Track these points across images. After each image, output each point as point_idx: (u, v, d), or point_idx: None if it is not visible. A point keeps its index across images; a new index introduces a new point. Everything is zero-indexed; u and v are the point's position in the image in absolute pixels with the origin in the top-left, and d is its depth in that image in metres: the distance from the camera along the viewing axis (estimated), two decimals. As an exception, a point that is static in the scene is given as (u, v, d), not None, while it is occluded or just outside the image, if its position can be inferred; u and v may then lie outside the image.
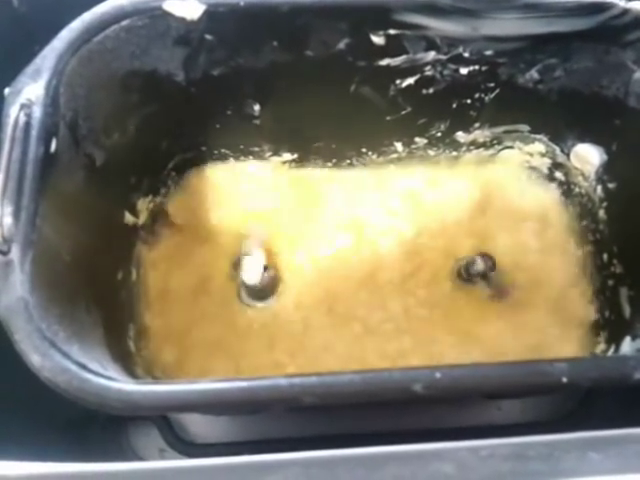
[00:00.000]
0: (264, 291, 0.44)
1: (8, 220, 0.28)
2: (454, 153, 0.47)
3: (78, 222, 0.34)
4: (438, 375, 0.26)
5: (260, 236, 0.44)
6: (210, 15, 0.35)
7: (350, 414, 0.45)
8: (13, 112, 0.31)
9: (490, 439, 0.25)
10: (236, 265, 0.43)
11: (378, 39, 0.37)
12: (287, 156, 0.46)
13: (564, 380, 0.26)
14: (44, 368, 0.27)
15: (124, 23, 0.34)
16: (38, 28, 0.36)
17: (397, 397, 0.27)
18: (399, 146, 0.46)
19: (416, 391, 0.26)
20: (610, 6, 0.36)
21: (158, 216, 0.45)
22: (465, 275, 0.44)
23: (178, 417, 0.46)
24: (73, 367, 0.27)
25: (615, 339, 0.41)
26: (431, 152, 0.47)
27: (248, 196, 0.46)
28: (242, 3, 0.34)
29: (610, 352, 0.41)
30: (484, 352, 0.41)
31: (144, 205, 0.44)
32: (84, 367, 0.27)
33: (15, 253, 0.28)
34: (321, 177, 0.47)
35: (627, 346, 0.39)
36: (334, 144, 0.46)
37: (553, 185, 0.47)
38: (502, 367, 0.27)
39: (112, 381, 0.27)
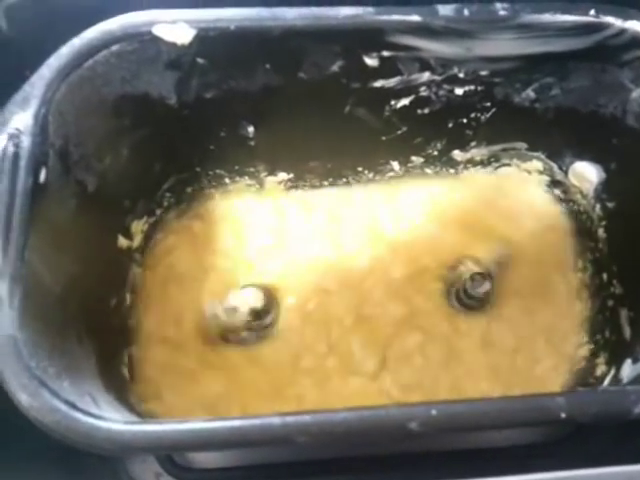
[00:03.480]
0: (264, 311, 0.43)
1: (-4, 255, 0.28)
2: (451, 171, 0.47)
3: (69, 252, 0.34)
4: (434, 412, 0.26)
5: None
6: (201, 39, 0.34)
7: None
8: (1, 142, 0.31)
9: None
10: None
11: (371, 61, 0.37)
12: (282, 176, 0.46)
13: (563, 415, 0.26)
14: (32, 408, 0.26)
15: (114, 48, 0.34)
16: (28, 52, 0.36)
17: (393, 435, 0.26)
18: (395, 165, 0.46)
19: (412, 429, 0.25)
20: (607, 26, 0.35)
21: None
22: (464, 296, 0.43)
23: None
24: (62, 406, 0.26)
25: (615, 361, 0.40)
26: (428, 170, 0.46)
27: (244, 218, 0.46)
28: (233, 27, 0.34)
29: (610, 374, 0.40)
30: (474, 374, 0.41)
31: (138, 227, 0.43)
32: (73, 406, 0.27)
33: (3, 289, 0.28)
34: (316, 194, 0.47)
35: (628, 369, 0.38)
36: (330, 164, 0.45)
37: (552, 203, 0.47)
38: (499, 403, 0.27)
39: (102, 420, 0.26)
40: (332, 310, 0.44)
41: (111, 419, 0.27)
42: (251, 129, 0.41)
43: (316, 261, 0.45)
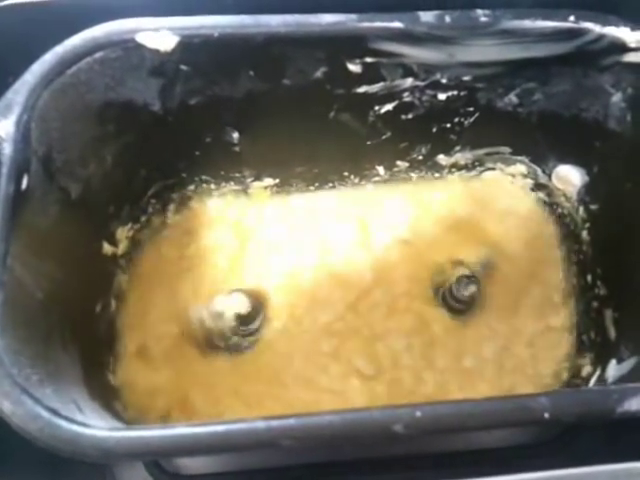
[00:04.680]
0: (250, 317, 0.43)
1: (-23, 262, 0.28)
2: (436, 175, 0.47)
3: (53, 258, 0.34)
4: (419, 414, 0.26)
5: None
6: (184, 46, 0.35)
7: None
8: (-17, 149, 0.30)
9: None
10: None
11: (355, 67, 0.37)
12: (269, 181, 0.46)
13: (546, 416, 0.26)
14: (15, 415, 0.26)
15: (97, 55, 0.34)
16: (11, 59, 0.36)
17: (378, 438, 0.26)
18: (381, 169, 0.46)
19: (397, 431, 0.25)
20: (586, 31, 0.36)
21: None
22: (450, 299, 0.44)
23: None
24: (45, 414, 0.26)
25: (601, 361, 0.41)
26: (413, 175, 0.47)
27: (230, 223, 0.46)
28: (216, 34, 0.34)
29: (596, 375, 0.40)
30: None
31: (123, 234, 0.43)
32: (56, 413, 0.26)
33: (-16, 296, 0.28)
34: (303, 199, 0.47)
35: (612, 369, 0.39)
36: (316, 169, 0.45)
37: (535, 206, 0.47)
38: (483, 404, 0.27)
39: (85, 427, 0.26)
40: (319, 314, 0.44)
41: (95, 426, 0.26)
42: (236, 135, 0.41)
43: (303, 266, 0.45)
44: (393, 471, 0.43)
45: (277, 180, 0.46)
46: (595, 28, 0.35)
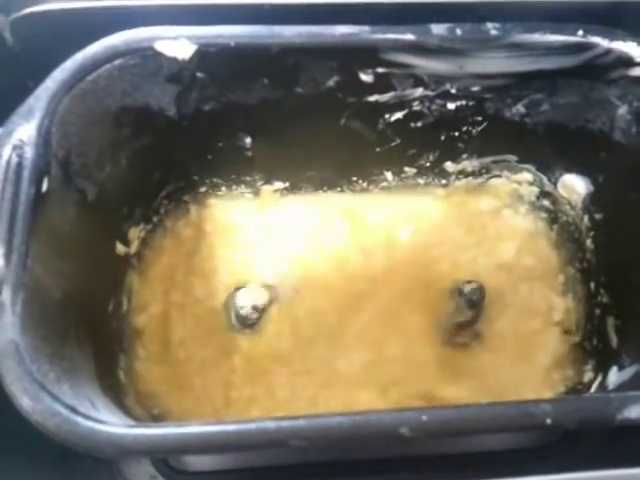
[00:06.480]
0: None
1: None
2: (443, 182, 0.48)
3: (70, 258, 0.35)
4: (425, 418, 0.27)
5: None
6: (201, 55, 0.35)
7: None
8: (5, 153, 0.31)
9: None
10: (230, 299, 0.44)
11: (367, 77, 0.38)
12: (278, 185, 0.47)
13: (548, 421, 0.27)
14: (34, 412, 0.27)
15: (116, 62, 0.35)
16: (32, 65, 0.36)
17: (385, 439, 0.27)
18: (389, 175, 0.47)
19: (403, 434, 0.26)
20: (594, 45, 0.36)
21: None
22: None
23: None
24: (63, 410, 0.27)
25: (602, 368, 0.41)
26: (420, 181, 0.47)
27: (239, 224, 0.47)
28: (233, 44, 0.35)
29: (597, 381, 0.41)
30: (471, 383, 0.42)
31: (135, 234, 0.44)
32: (74, 410, 0.27)
33: (6, 295, 0.29)
34: (311, 202, 0.48)
35: (614, 376, 0.39)
36: (325, 173, 0.46)
37: (540, 213, 0.48)
38: (488, 408, 0.28)
39: (102, 424, 0.27)
40: (320, 317, 0.44)
41: (111, 423, 0.27)
42: (248, 140, 0.42)
43: (309, 267, 0.46)
44: (396, 472, 0.44)
45: (287, 184, 0.47)
46: (603, 42, 0.36)
